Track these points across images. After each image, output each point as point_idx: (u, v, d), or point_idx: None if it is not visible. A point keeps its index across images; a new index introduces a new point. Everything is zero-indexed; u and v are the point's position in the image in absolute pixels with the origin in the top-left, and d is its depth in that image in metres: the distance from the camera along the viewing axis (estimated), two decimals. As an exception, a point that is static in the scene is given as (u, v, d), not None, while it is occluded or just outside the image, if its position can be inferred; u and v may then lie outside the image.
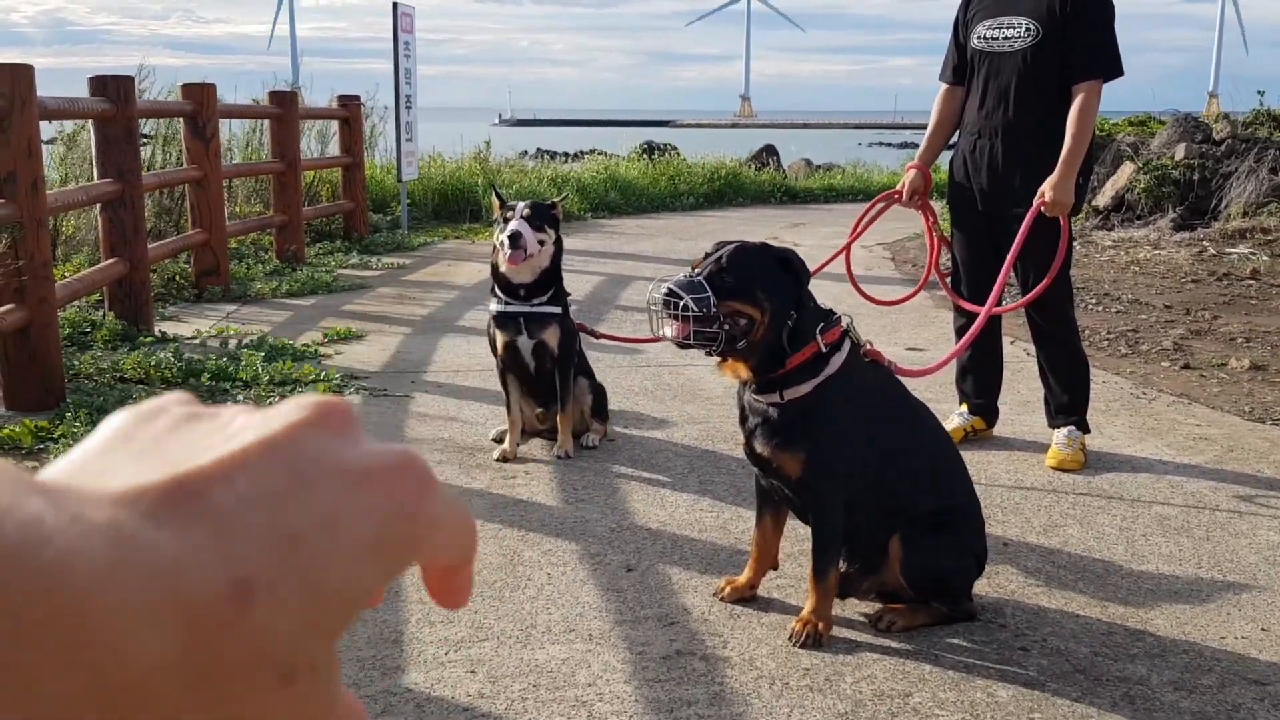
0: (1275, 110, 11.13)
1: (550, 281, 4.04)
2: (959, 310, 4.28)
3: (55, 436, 4.13)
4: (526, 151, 20.25)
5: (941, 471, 2.83)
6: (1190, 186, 10.04)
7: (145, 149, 7.80)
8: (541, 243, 3.96)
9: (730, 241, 2.80)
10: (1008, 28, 3.97)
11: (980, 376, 4.33)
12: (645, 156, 15.59)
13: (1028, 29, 3.92)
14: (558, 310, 4.05)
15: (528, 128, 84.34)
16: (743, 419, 2.79)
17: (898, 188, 4.30)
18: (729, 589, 2.92)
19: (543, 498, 3.68)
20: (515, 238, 3.89)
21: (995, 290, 3.90)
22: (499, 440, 4.17)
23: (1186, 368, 5.56)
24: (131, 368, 5.01)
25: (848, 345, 2.73)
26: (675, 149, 16.92)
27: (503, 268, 3.99)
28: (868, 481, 2.71)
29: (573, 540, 3.30)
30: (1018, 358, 5.33)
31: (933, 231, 4.30)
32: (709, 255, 2.76)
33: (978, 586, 2.88)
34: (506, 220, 3.95)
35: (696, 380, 5.16)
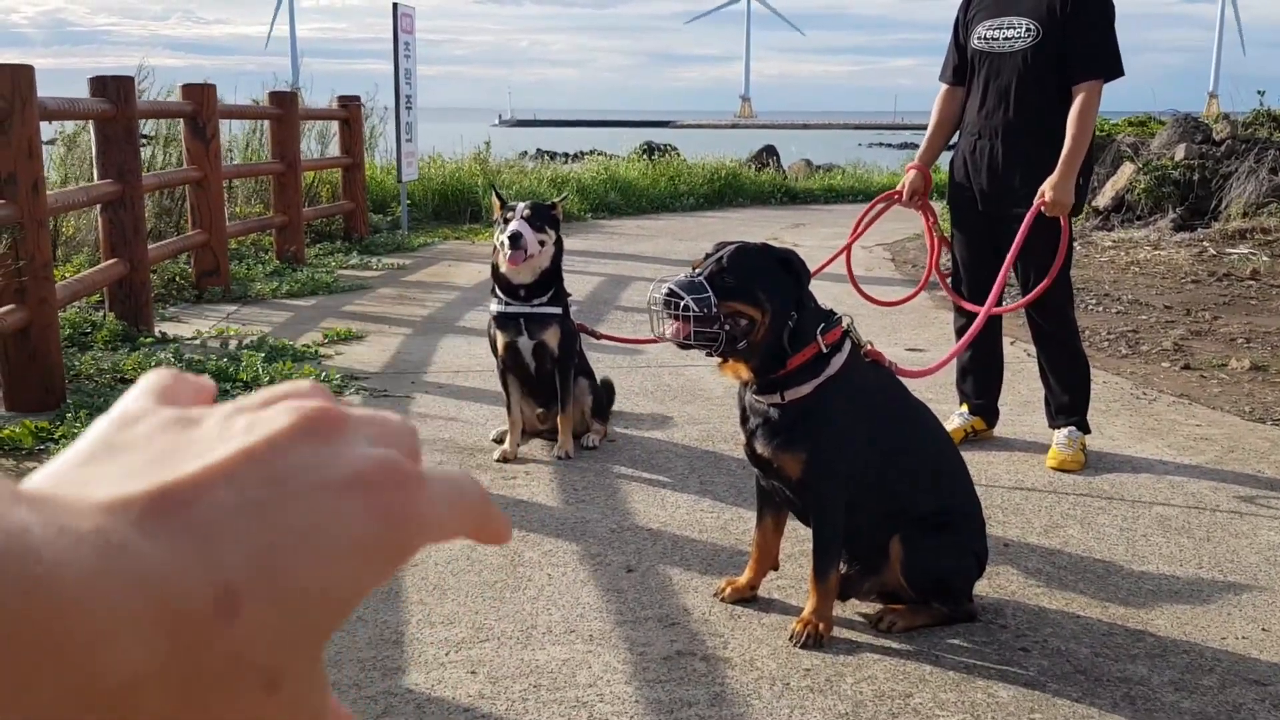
0: (1275, 110, 11.13)
1: (550, 282, 4.04)
2: (959, 310, 4.28)
3: (56, 437, 4.13)
4: (526, 152, 20.23)
5: (942, 472, 2.83)
6: (1190, 187, 10.04)
7: (145, 149, 7.80)
8: (542, 243, 3.96)
9: (731, 242, 2.80)
10: (1008, 28, 3.97)
11: (980, 377, 4.33)
12: (645, 157, 15.57)
13: (1028, 29, 3.91)
14: (558, 311, 4.05)
15: (528, 128, 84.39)
16: (743, 420, 2.79)
17: (898, 188, 4.30)
18: (729, 590, 2.92)
19: (543, 498, 3.68)
20: (515, 238, 3.89)
21: (995, 290, 3.90)
22: (499, 441, 4.17)
23: (1187, 368, 5.56)
24: (132, 368, 5.01)
25: (848, 346, 2.73)
26: (675, 149, 16.91)
27: (503, 268, 3.99)
28: (868, 482, 2.71)
29: (573, 541, 3.30)
30: (1018, 358, 5.33)
31: (933, 232, 4.30)
32: (709, 255, 2.76)
33: (978, 587, 2.88)
34: (507, 221, 3.95)
35: (697, 380, 5.16)
